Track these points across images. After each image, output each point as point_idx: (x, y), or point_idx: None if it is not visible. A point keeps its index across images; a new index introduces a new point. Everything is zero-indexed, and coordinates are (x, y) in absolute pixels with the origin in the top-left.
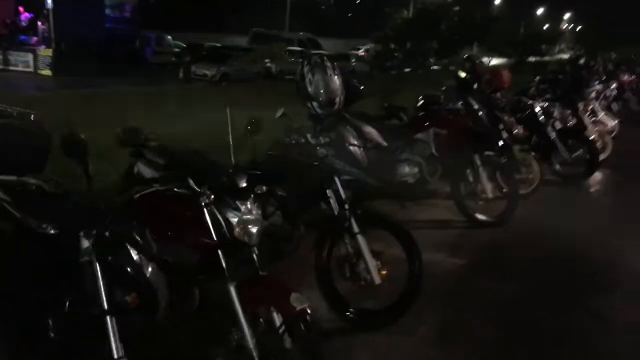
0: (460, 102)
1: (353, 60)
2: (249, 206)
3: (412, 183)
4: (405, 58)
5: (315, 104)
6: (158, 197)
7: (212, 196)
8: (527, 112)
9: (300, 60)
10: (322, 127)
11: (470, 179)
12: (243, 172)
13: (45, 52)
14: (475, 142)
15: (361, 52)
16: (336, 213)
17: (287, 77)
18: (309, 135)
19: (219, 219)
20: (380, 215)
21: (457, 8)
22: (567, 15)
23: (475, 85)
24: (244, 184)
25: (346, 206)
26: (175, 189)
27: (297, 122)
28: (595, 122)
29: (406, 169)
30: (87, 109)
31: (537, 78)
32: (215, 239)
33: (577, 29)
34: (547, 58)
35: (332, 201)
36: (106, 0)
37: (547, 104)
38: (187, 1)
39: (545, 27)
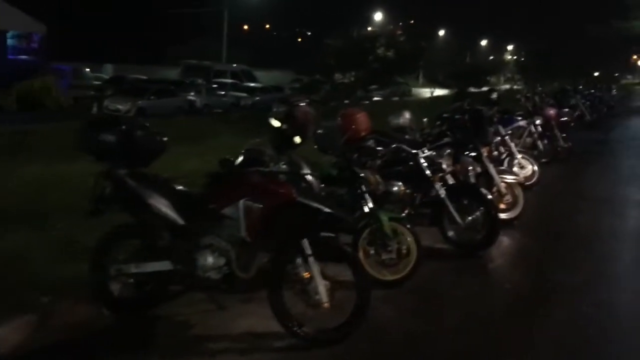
0: (282, 163)
1: (288, 91)
2: None
3: (217, 279)
4: (332, 90)
5: None
6: None
7: None
8: (409, 164)
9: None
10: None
11: (303, 273)
12: None
13: None
14: (304, 219)
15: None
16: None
17: (216, 111)
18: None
19: None
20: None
21: (382, 39)
22: (510, 47)
23: (298, 140)
24: None
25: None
26: None
27: None
28: (505, 171)
29: (209, 260)
30: None
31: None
32: None
33: (520, 59)
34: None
35: None
36: (10, 30)
37: (435, 152)
38: (119, 31)
39: (491, 58)
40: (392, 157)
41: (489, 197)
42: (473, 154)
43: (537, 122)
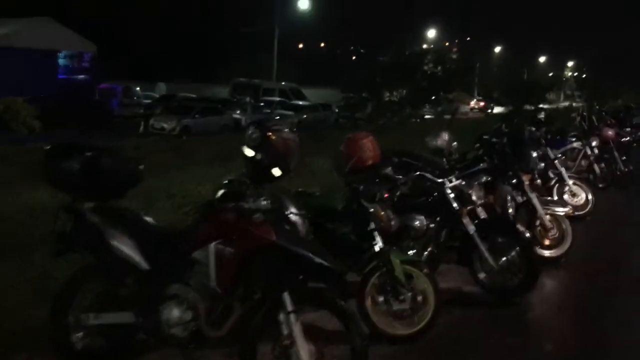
0: (263, 199)
1: (336, 109)
2: None
3: (183, 337)
4: (378, 108)
5: None
6: None
7: None
8: (433, 195)
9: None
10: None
11: (284, 333)
12: None
13: None
14: (285, 268)
15: None
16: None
17: None
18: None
19: None
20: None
21: (430, 56)
22: (571, 63)
23: (277, 172)
24: None
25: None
26: None
27: None
28: (552, 201)
29: (174, 313)
30: None
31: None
32: None
33: (581, 76)
34: (546, 106)
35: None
36: (63, 50)
37: (465, 180)
38: (173, 50)
39: (550, 74)
40: (414, 186)
41: (527, 234)
42: (514, 181)
43: (594, 143)
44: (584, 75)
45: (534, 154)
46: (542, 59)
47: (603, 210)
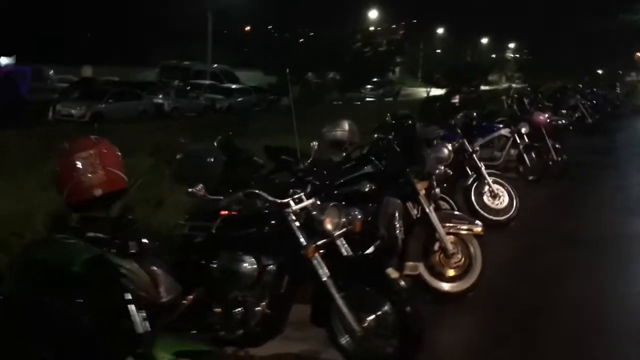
0: None
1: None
2: None
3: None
4: (305, 91)
5: None
6: None
7: None
8: (271, 224)
9: None
10: None
11: None
12: None
13: None
14: None
15: None
16: None
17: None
18: None
19: None
20: None
21: (358, 35)
22: (513, 45)
23: None
24: None
25: None
26: None
27: None
28: (455, 216)
29: None
30: None
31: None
32: None
33: (522, 58)
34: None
35: None
36: None
37: (329, 196)
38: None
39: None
40: (250, 210)
41: (401, 280)
42: (405, 191)
43: (523, 130)
44: (524, 57)
45: (438, 153)
46: (484, 41)
47: (530, 212)
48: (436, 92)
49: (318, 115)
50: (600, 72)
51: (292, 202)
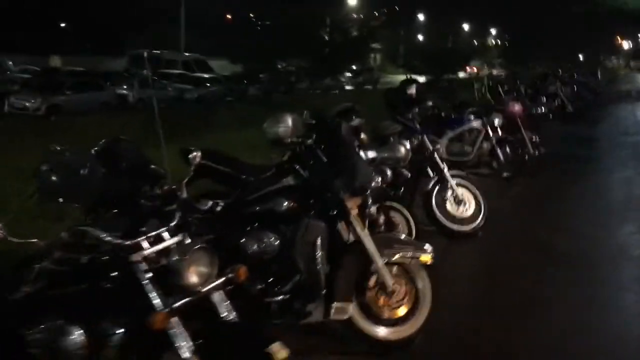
0: None
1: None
2: None
3: None
4: (273, 80)
5: None
6: None
7: None
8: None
9: None
10: None
11: None
12: None
13: None
14: None
15: None
16: None
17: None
18: None
19: None
20: None
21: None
22: (494, 31)
23: None
24: None
25: None
26: None
27: None
28: (397, 241)
29: None
30: None
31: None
32: None
33: (503, 44)
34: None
35: None
36: None
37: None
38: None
39: (474, 42)
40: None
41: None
42: (332, 211)
43: (496, 121)
44: (506, 43)
45: (394, 152)
46: (466, 27)
47: (502, 217)
48: (419, 79)
49: (289, 106)
50: (580, 57)
51: (144, 243)
